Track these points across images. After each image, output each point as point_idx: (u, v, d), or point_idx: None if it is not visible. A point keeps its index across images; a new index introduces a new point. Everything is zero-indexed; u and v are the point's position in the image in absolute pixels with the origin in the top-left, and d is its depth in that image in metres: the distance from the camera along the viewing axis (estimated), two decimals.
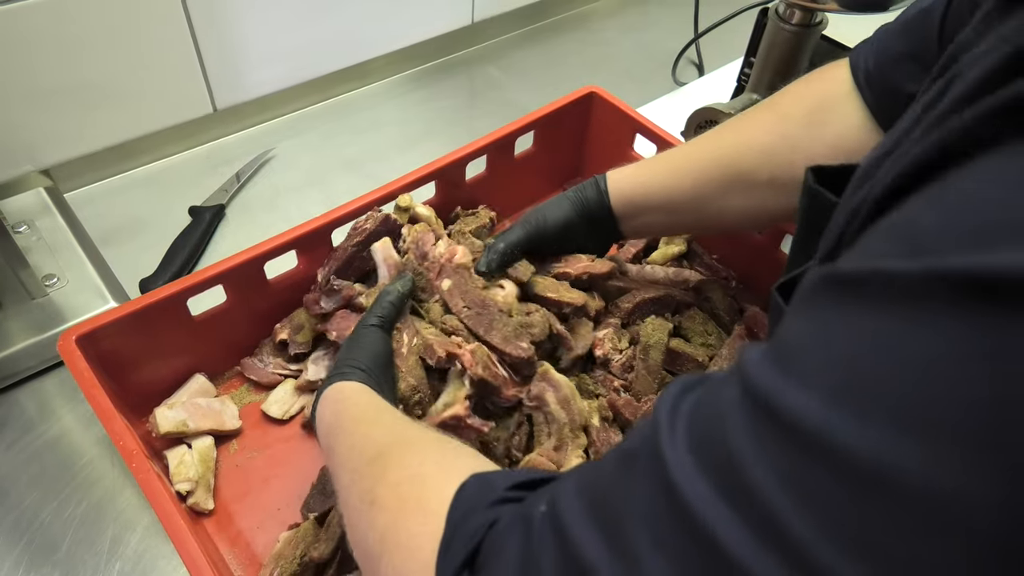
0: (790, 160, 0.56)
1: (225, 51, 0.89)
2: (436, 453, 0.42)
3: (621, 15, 1.30)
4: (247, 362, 0.70)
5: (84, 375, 0.56)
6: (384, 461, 0.41)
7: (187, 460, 0.61)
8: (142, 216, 0.87)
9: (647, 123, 0.82)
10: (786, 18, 0.68)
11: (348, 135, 1.01)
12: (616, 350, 0.70)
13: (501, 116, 1.06)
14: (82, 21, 0.76)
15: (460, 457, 0.41)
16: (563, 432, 0.62)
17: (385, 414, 0.49)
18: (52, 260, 0.75)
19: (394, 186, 0.72)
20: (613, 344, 0.69)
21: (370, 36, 1.03)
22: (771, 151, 0.57)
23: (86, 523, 0.62)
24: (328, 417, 0.50)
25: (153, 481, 0.51)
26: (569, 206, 0.66)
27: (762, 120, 0.59)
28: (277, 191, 0.93)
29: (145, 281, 0.78)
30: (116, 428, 0.53)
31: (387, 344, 0.59)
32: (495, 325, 0.61)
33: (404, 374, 0.58)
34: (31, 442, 0.67)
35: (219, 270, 0.64)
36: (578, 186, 0.67)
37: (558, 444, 0.62)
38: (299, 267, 0.71)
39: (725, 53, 1.15)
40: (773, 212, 0.60)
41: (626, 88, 1.09)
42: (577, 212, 0.66)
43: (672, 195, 0.63)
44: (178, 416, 0.62)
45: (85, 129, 0.84)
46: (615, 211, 0.65)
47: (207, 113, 0.93)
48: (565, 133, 0.88)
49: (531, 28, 1.24)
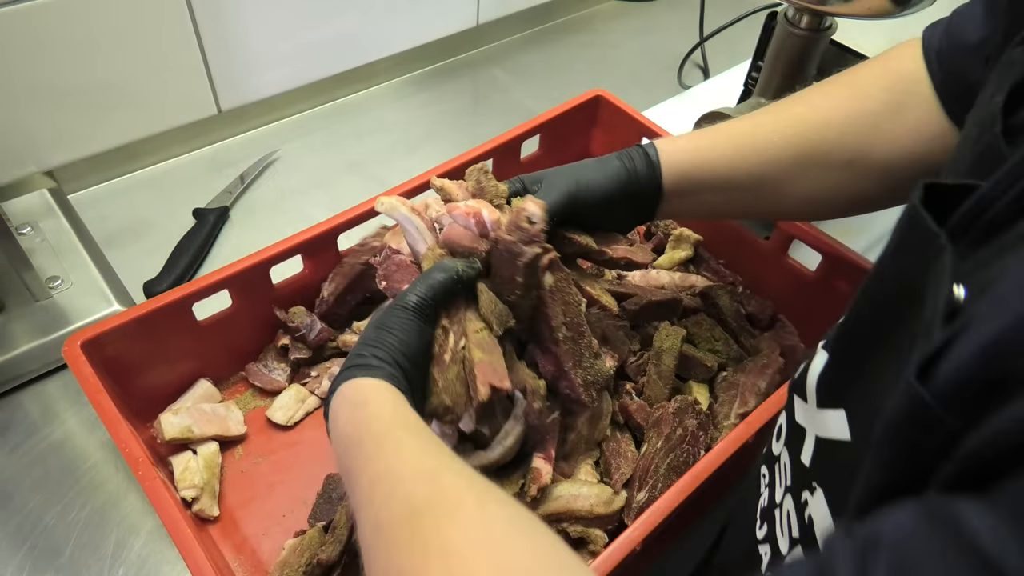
0: (871, 142, 0.52)
1: (230, 52, 0.89)
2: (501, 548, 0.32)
3: (626, 17, 1.30)
4: (252, 367, 0.70)
5: (89, 380, 0.55)
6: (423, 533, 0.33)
7: (192, 466, 0.61)
8: (146, 218, 0.87)
9: (654, 127, 0.82)
10: (795, 22, 0.67)
11: (353, 137, 1.01)
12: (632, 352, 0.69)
13: (506, 118, 1.06)
14: (86, 22, 0.76)
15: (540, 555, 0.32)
16: (579, 446, 0.61)
17: (418, 441, 0.39)
18: (56, 262, 0.75)
19: (399, 190, 0.71)
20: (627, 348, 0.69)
21: (374, 38, 1.03)
22: (851, 130, 0.52)
23: (90, 527, 0.62)
24: (344, 425, 0.42)
25: (159, 489, 0.51)
26: (615, 176, 0.56)
27: (838, 96, 0.54)
28: (282, 193, 0.92)
29: (149, 284, 0.78)
30: (121, 434, 0.53)
31: (425, 336, 0.48)
32: (583, 362, 0.54)
33: (439, 390, 0.47)
34: (34, 445, 0.67)
35: (225, 275, 0.63)
36: (622, 153, 0.58)
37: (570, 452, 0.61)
38: (305, 271, 0.70)
39: (730, 56, 1.15)
40: (845, 197, 0.56)
41: (631, 91, 1.08)
42: (624, 184, 0.56)
43: (735, 173, 0.56)
44: (183, 422, 0.62)
45: (89, 130, 0.84)
46: (666, 187, 0.57)
47: (211, 114, 0.93)
48: (571, 136, 0.88)
49: (536, 30, 1.24)
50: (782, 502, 0.40)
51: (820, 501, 0.35)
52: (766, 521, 0.43)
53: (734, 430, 0.56)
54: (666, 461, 0.60)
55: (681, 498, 0.52)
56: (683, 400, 0.63)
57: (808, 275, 0.74)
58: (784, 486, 0.41)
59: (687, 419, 0.61)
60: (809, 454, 0.38)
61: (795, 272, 0.75)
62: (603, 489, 0.58)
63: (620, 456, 0.61)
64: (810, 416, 0.38)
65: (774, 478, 0.43)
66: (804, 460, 0.38)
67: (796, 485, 0.39)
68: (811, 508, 0.36)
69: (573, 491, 0.57)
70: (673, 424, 0.61)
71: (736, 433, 0.55)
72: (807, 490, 0.37)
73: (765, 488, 0.45)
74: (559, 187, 0.55)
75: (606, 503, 0.57)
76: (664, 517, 0.51)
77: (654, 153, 0.57)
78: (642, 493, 0.58)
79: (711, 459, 0.54)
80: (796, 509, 0.38)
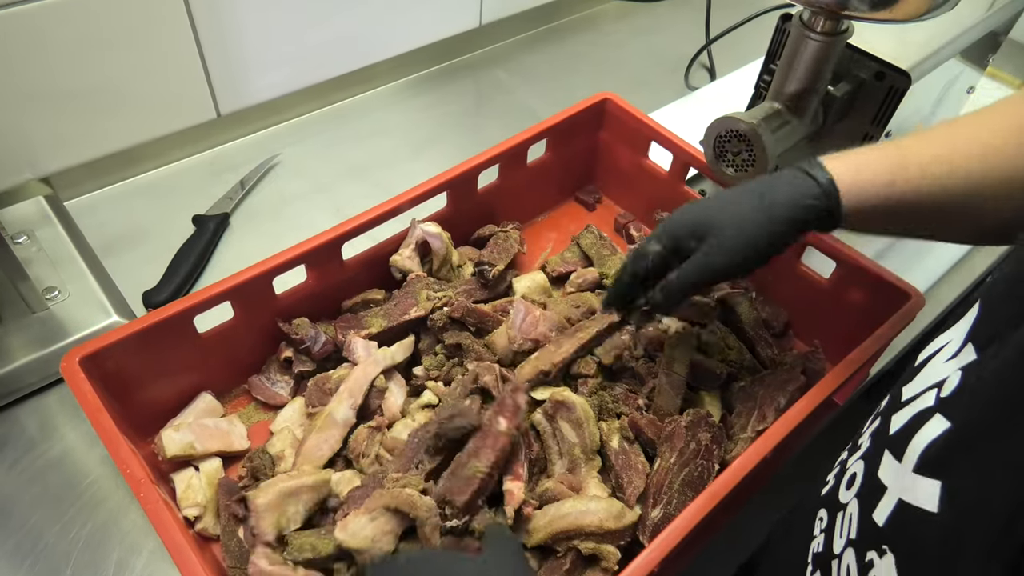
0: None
1: (228, 55, 0.87)
2: None
3: (631, 18, 1.28)
4: (254, 381, 0.68)
5: (88, 398, 0.54)
6: None
7: (195, 484, 0.60)
8: (144, 225, 0.85)
9: (662, 130, 0.80)
10: (811, 25, 0.66)
11: (354, 141, 0.99)
12: (632, 357, 0.68)
13: (510, 120, 1.04)
14: (82, 25, 0.74)
15: None
16: (574, 453, 0.60)
17: None
18: (53, 272, 0.73)
19: (405, 197, 0.70)
20: (629, 352, 0.68)
21: (375, 40, 1.01)
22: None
23: (91, 546, 0.60)
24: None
25: (161, 511, 0.49)
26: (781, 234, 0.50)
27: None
28: (283, 199, 0.91)
29: (148, 294, 0.76)
30: (122, 454, 0.52)
31: None
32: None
33: None
34: (33, 461, 0.65)
35: (227, 286, 0.62)
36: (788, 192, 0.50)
37: (571, 466, 0.60)
38: (308, 281, 0.69)
39: (737, 58, 1.14)
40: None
41: (637, 92, 1.07)
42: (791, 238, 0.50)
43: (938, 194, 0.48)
44: (185, 438, 0.60)
45: (86, 135, 0.82)
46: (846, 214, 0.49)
47: (210, 119, 0.91)
48: (578, 140, 0.86)
49: (539, 31, 1.22)
50: (842, 554, 0.39)
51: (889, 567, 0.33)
52: (819, 568, 0.41)
53: (751, 445, 0.54)
54: (680, 476, 0.58)
55: (699, 517, 0.50)
56: (696, 413, 0.61)
57: (822, 283, 0.73)
58: (846, 538, 0.39)
59: (700, 433, 0.60)
60: (886, 515, 0.36)
61: (808, 280, 0.74)
62: (612, 503, 0.56)
63: (631, 469, 0.60)
64: (899, 477, 0.36)
65: (834, 525, 0.41)
66: (877, 519, 0.36)
67: (862, 542, 0.37)
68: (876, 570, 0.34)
69: (580, 507, 0.56)
70: (686, 438, 0.60)
71: (754, 449, 0.54)
72: (875, 551, 0.35)
73: (820, 532, 0.42)
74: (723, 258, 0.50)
75: (616, 517, 0.55)
76: (682, 537, 0.49)
77: (830, 188, 0.49)
78: (657, 510, 0.57)
79: (728, 476, 0.53)
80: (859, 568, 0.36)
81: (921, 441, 0.35)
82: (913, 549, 0.33)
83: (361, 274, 0.72)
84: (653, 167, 0.85)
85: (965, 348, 0.36)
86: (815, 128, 0.75)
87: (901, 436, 0.37)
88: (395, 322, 0.68)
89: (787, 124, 0.72)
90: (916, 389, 0.38)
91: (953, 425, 0.33)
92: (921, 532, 0.33)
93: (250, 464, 0.61)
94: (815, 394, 0.58)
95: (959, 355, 0.37)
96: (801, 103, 0.72)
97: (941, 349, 0.39)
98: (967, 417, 0.33)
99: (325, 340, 0.67)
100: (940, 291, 0.85)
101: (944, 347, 0.39)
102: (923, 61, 0.72)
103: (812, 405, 0.57)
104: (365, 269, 0.73)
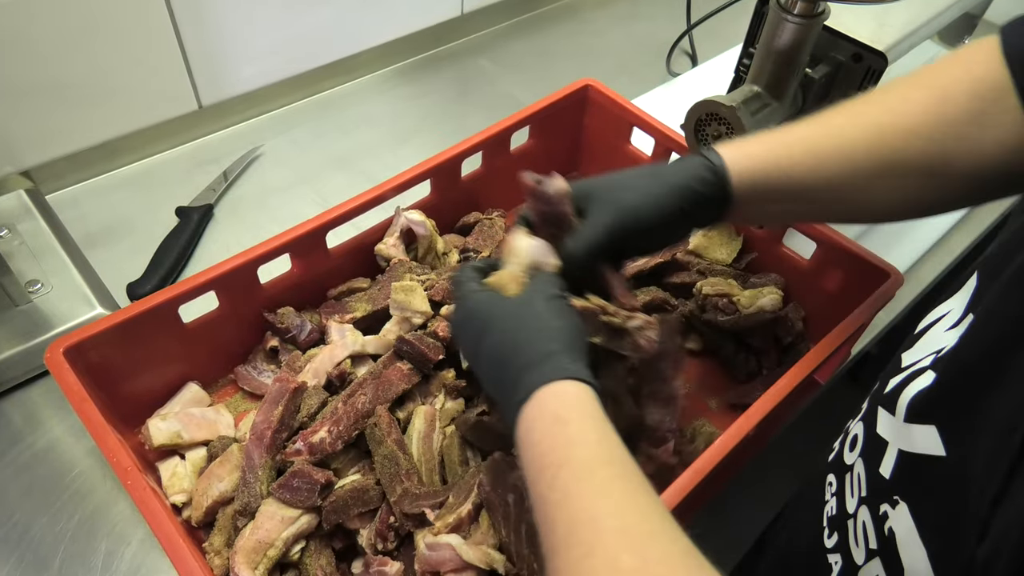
0: (954, 151, 0.49)
1: (209, 46, 0.87)
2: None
3: (612, 5, 1.28)
4: (240, 370, 0.68)
5: (73, 389, 0.54)
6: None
7: (180, 472, 0.60)
8: (128, 218, 0.85)
9: (644, 116, 0.81)
10: (788, 8, 0.66)
11: (337, 131, 0.99)
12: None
13: (493, 109, 1.04)
14: (59, 16, 0.74)
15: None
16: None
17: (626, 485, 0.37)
18: (35, 265, 0.73)
19: (388, 185, 0.70)
20: None
21: (358, 29, 1.01)
22: (934, 140, 0.49)
23: (79, 537, 0.60)
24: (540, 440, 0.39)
25: (150, 499, 0.49)
26: (673, 197, 0.51)
27: (919, 101, 0.50)
28: (266, 190, 0.90)
29: (132, 285, 0.76)
30: (109, 444, 0.52)
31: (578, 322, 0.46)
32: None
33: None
34: (19, 454, 0.65)
35: (211, 276, 0.62)
36: (679, 166, 0.53)
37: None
38: (293, 270, 0.69)
39: (718, 43, 1.14)
40: (927, 203, 0.53)
41: (619, 79, 1.07)
42: (684, 203, 0.51)
43: (811, 182, 0.52)
44: (172, 427, 0.60)
45: (66, 128, 0.82)
46: (735, 193, 0.52)
47: (192, 110, 0.91)
48: (561, 127, 0.86)
49: (522, 19, 1.22)
50: (856, 512, 0.40)
51: (904, 515, 0.35)
52: (836, 530, 0.42)
53: (734, 424, 0.55)
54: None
55: (681, 496, 0.51)
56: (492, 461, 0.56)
57: (803, 264, 0.74)
58: (858, 496, 0.40)
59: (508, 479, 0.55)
60: (890, 467, 0.37)
61: (790, 261, 0.75)
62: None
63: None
64: (896, 429, 0.38)
65: (844, 487, 0.42)
66: (884, 472, 0.38)
67: (873, 497, 0.38)
68: (892, 521, 0.36)
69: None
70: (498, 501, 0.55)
71: (737, 426, 0.55)
72: (887, 503, 0.37)
73: (832, 496, 0.44)
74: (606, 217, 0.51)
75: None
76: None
77: (719, 162, 0.52)
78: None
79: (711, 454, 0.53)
80: (874, 521, 0.38)
81: (909, 393, 0.37)
82: (926, 494, 0.34)
83: (346, 263, 0.73)
84: (636, 152, 0.85)
85: (966, 318, 0.38)
86: (795, 110, 0.76)
87: (894, 393, 0.39)
88: (379, 306, 0.68)
89: (767, 107, 0.72)
90: (916, 356, 0.40)
91: (939, 379, 0.36)
92: (930, 477, 0.34)
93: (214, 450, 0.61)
94: (797, 372, 0.59)
95: (960, 324, 0.38)
96: (780, 86, 0.72)
97: (942, 318, 0.40)
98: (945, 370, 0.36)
99: (310, 329, 0.67)
100: (920, 270, 0.87)
101: (945, 315, 0.40)
102: (900, 42, 0.73)
103: (794, 383, 0.58)
104: (350, 258, 0.73)
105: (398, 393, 0.61)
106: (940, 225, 0.90)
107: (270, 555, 0.53)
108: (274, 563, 0.54)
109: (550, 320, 0.44)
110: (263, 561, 0.53)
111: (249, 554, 0.53)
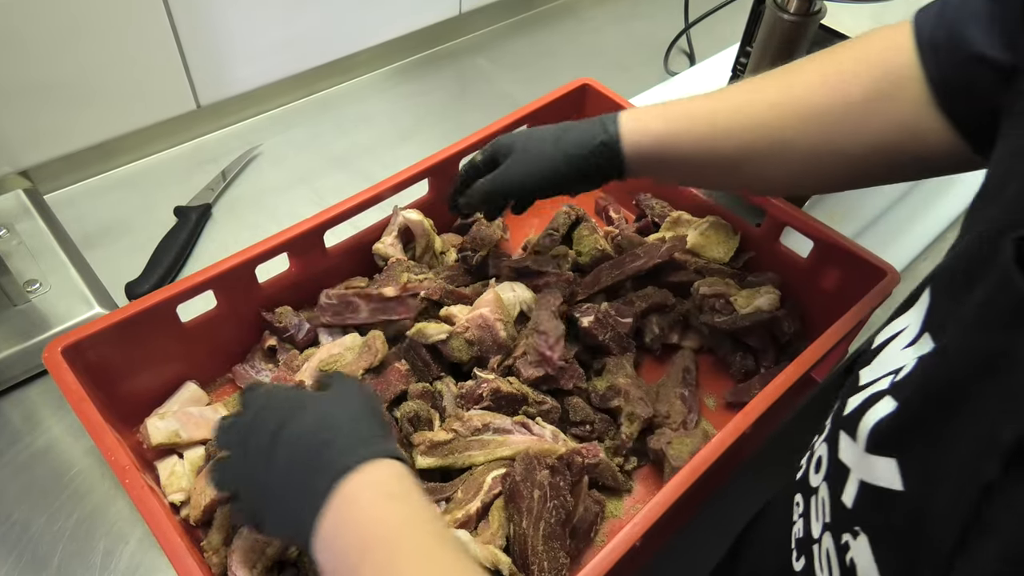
0: (849, 134, 0.50)
1: (207, 45, 0.87)
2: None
3: (610, 4, 1.29)
4: (238, 369, 0.68)
5: (71, 388, 0.54)
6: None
7: (178, 471, 0.60)
8: (126, 217, 0.85)
9: None
10: (784, 7, 0.67)
11: (336, 131, 0.99)
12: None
13: (492, 108, 1.04)
14: (57, 15, 0.74)
15: None
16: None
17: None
18: (34, 265, 0.73)
19: (386, 184, 0.70)
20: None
21: (356, 28, 1.01)
22: (824, 122, 0.50)
23: (77, 537, 0.61)
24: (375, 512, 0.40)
25: (148, 498, 0.49)
26: (570, 166, 0.58)
27: (818, 84, 0.51)
28: (265, 189, 0.91)
29: (131, 285, 0.76)
30: (107, 443, 0.52)
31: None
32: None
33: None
34: (18, 454, 0.65)
35: (209, 275, 0.62)
36: (579, 135, 0.58)
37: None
38: (291, 270, 0.69)
39: (716, 42, 1.14)
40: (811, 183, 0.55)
41: (617, 78, 1.08)
42: (579, 171, 0.58)
43: (703, 156, 0.55)
44: (170, 427, 0.60)
45: (64, 128, 0.82)
46: (628, 167, 0.58)
47: (190, 110, 0.91)
48: None
49: (520, 18, 1.23)
50: (821, 538, 0.39)
51: (864, 547, 0.34)
52: (803, 554, 0.41)
53: (731, 422, 0.55)
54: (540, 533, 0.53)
55: (679, 492, 0.51)
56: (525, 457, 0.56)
57: (800, 262, 0.74)
58: (822, 522, 0.39)
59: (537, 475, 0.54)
60: (852, 496, 0.36)
61: (787, 259, 0.75)
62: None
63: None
64: (857, 458, 0.36)
65: (809, 510, 0.42)
66: (846, 501, 0.36)
67: (836, 525, 0.37)
68: (853, 552, 0.35)
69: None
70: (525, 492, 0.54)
71: (734, 424, 0.55)
72: (848, 533, 0.36)
73: (799, 518, 0.43)
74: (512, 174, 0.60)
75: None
76: (663, 512, 0.50)
77: (615, 130, 0.57)
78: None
79: (709, 451, 0.53)
80: (837, 550, 0.37)
81: (869, 421, 0.35)
82: (885, 529, 0.33)
83: (344, 262, 0.73)
84: None
85: (923, 337, 0.36)
86: None
87: (854, 417, 0.37)
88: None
89: None
90: (874, 374, 0.38)
91: (899, 408, 0.34)
92: (889, 511, 0.33)
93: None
94: (793, 370, 0.59)
95: (917, 343, 0.36)
96: None
97: (898, 335, 0.39)
98: (907, 401, 0.34)
99: (308, 328, 0.68)
100: (917, 268, 0.87)
101: (901, 332, 0.39)
102: None
103: (790, 381, 0.58)
104: (348, 257, 0.73)
105: (397, 393, 0.62)
106: (937, 223, 0.90)
107: (268, 553, 0.53)
108: (272, 561, 0.54)
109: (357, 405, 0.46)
110: (261, 559, 0.53)
111: (247, 553, 0.53)
